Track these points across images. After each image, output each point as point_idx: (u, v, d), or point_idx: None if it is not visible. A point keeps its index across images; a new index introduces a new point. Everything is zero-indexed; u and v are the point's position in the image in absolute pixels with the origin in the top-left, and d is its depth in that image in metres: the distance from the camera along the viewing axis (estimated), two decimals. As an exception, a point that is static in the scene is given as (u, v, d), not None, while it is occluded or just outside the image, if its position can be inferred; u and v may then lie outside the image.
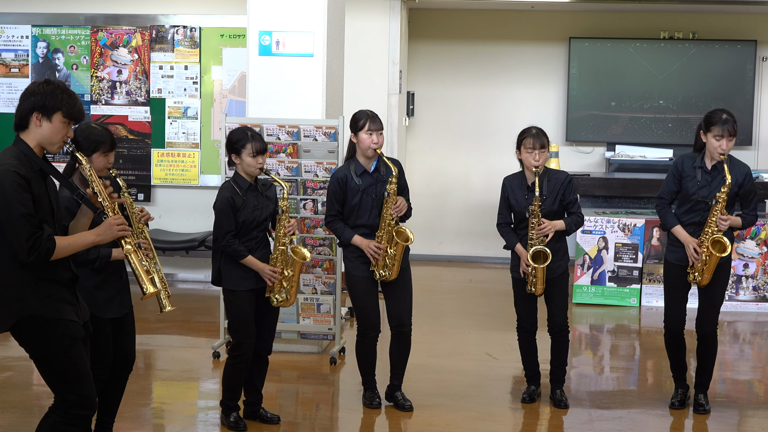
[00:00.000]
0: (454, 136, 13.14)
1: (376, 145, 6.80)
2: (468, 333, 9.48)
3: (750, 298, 10.41)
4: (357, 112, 6.92)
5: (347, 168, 6.89)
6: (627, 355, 9.10)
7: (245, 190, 6.44)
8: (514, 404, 7.32)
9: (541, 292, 7.06)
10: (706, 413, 7.11)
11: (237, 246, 6.40)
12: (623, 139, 12.73)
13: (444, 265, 12.78)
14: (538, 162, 6.93)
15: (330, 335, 8.44)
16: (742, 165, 6.98)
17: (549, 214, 6.98)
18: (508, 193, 7.10)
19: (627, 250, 10.52)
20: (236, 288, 6.47)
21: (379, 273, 6.88)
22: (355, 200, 6.85)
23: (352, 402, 7.27)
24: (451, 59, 13.10)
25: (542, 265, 6.92)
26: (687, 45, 12.65)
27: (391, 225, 6.85)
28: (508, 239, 7.12)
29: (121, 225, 4.78)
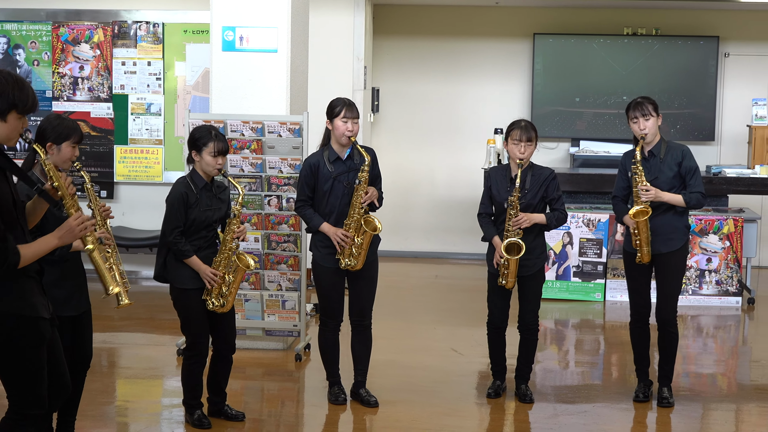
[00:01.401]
0: (419, 132, 13.15)
1: (351, 132, 6.79)
2: (434, 329, 9.49)
3: (713, 292, 10.47)
4: (334, 99, 6.93)
5: (320, 154, 6.88)
6: (592, 350, 9.14)
7: (200, 188, 6.40)
8: (480, 399, 7.33)
9: (512, 285, 7.05)
10: (669, 406, 7.15)
11: (183, 245, 6.35)
12: (587, 135, 12.77)
13: (410, 261, 12.79)
14: (524, 154, 6.94)
15: (295, 332, 8.42)
16: (678, 146, 7.12)
17: (528, 207, 6.98)
18: (491, 183, 7.11)
19: (591, 245, 10.56)
20: (186, 286, 6.42)
21: (344, 262, 6.86)
22: (326, 187, 6.83)
23: (318, 398, 7.26)
24: (416, 55, 13.10)
25: (515, 257, 6.91)
26: (650, 41, 12.71)
27: (360, 214, 6.84)
28: (486, 230, 7.11)
29: (81, 225, 4.69)
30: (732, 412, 7.31)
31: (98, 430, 6.56)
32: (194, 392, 6.58)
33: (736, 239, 10.40)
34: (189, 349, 6.50)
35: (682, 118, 12.65)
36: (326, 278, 6.96)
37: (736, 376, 8.40)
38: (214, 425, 6.59)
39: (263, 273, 8.30)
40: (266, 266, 8.28)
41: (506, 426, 6.94)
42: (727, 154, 12.81)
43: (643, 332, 7.24)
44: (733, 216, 10.50)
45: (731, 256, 10.41)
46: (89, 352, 5.87)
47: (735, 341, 9.73)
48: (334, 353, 7.12)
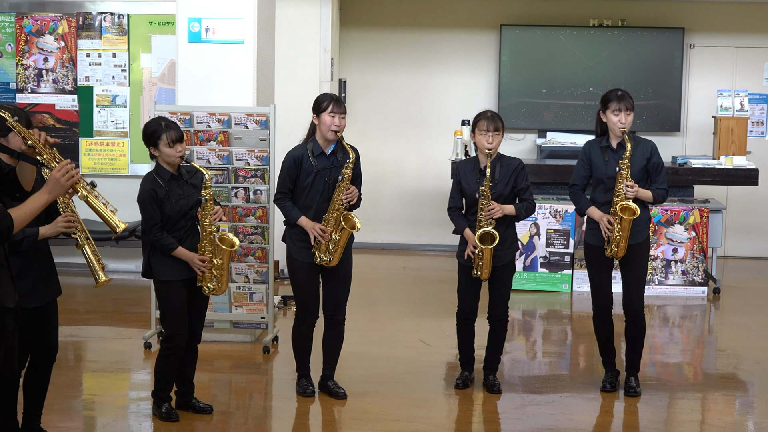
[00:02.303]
0: (386, 123, 13.15)
1: (338, 127, 6.78)
2: (402, 320, 9.50)
3: (679, 282, 10.54)
4: (321, 94, 6.93)
5: (305, 147, 6.86)
6: (559, 340, 9.18)
7: (167, 180, 6.38)
8: (448, 390, 7.35)
9: (487, 276, 7.05)
10: (636, 396, 7.20)
11: (165, 239, 6.35)
12: (554, 126, 12.82)
13: (377, 253, 12.80)
14: (492, 145, 6.95)
15: (263, 324, 8.41)
16: (647, 141, 7.15)
17: (499, 198, 7.00)
18: (460, 177, 7.12)
19: (558, 236, 10.61)
20: (168, 279, 6.42)
21: (320, 257, 6.85)
22: (307, 181, 6.82)
23: (286, 390, 7.26)
24: (383, 47, 13.10)
25: (489, 247, 6.93)
26: (616, 32, 12.76)
27: (340, 210, 6.82)
28: (457, 223, 7.13)
29: (66, 175, 4.62)
30: (698, 401, 7.37)
31: (65, 424, 6.53)
32: (166, 384, 6.57)
33: (701, 229, 10.48)
34: (167, 341, 6.49)
35: (647, 110, 12.71)
36: (301, 272, 6.94)
37: (702, 366, 8.46)
38: (182, 418, 6.58)
39: (231, 265, 8.27)
40: (234, 258, 8.25)
41: (474, 416, 6.96)
42: (693, 145, 12.89)
43: (607, 324, 7.28)
44: (698, 206, 10.57)
45: (697, 247, 10.48)
46: (55, 344, 5.85)
47: (701, 331, 9.80)
48: (307, 348, 7.12)
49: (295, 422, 6.77)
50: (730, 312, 10.24)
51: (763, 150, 12.68)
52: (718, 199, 11.80)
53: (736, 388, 7.68)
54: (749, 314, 9.98)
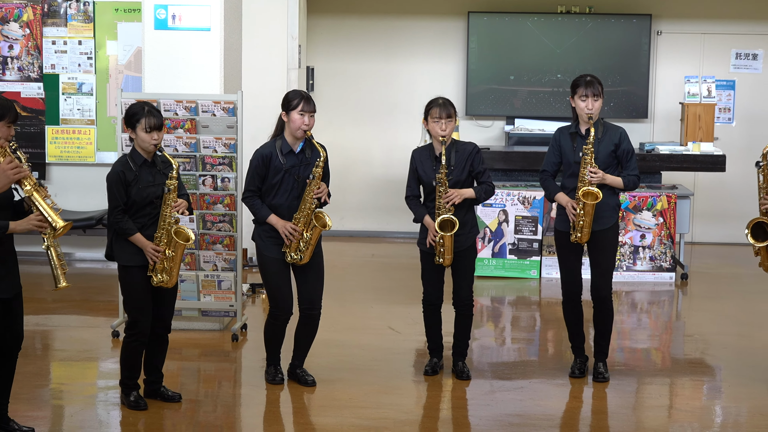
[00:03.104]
0: (354, 111, 13.14)
1: (307, 126, 6.76)
2: (370, 307, 9.52)
3: (647, 268, 10.60)
4: (290, 91, 6.90)
5: (273, 145, 6.83)
6: (528, 327, 9.22)
7: (139, 165, 6.37)
8: (417, 377, 7.37)
9: (450, 262, 7.08)
10: (605, 381, 7.24)
11: (125, 223, 6.32)
12: (522, 113, 12.85)
13: (346, 241, 12.80)
14: (445, 131, 6.98)
15: (231, 312, 8.40)
16: (616, 128, 7.17)
17: (457, 184, 7.02)
18: (416, 165, 7.14)
19: (527, 222, 10.64)
20: (129, 264, 6.40)
21: (291, 255, 6.84)
22: (276, 179, 6.79)
23: (255, 378, 7.25)
24: (351, 34, 13.08)
25: (450, 233, 6.95)
26: (584, 19, 12.80)
27: (311, 209, 6.81)
28: (416, 212, 7.15)
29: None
30: (666, 386, 7.42)
31: (33, 413, 6.50)
32: (132, 372, 6.55)
33: (669, 215, 10.54)
34: (130, 328, 6.47)
35: (615, 96, 12.76)
36: (273, 268, 6.91)
37: (669, 351, 8.52)
38: (150, 406, 6.56)
39: (199, 253, 8.26)
40: (201, 246, 8.24)
41: (443, 403, 6.98)
42: (660, 132, 12.96)
43: (576, 310, 7.31)
44: (666, 192, 10.63)
45: (665, 232, 10.55)
46: (20, 333, 5.84)
47: (669, 316, 9.87)
48: (279, 342, 7.11)
49: (265, 410, 6.76)
50: (698, 297, 10.31)
51: (731, 136, 12.77)
52: (685, 185, 11.87)
53: (704, 373, 7.74)
54: (717, 300, 10.05)
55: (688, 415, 6.83)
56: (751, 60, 12.91)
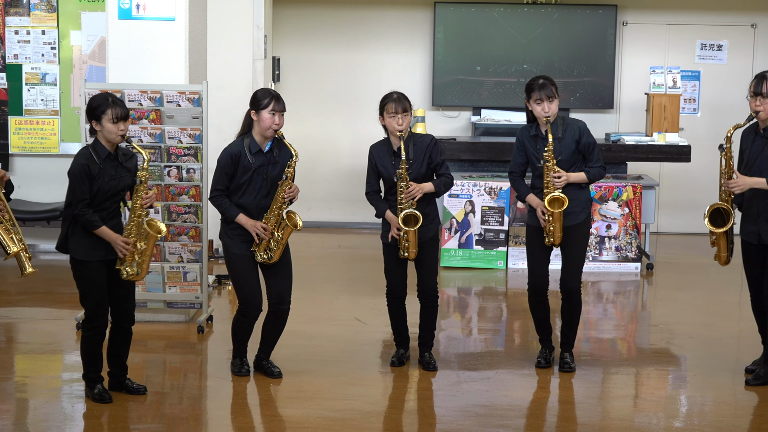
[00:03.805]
0: (320, 101, 13.11)
1: (278, 126, 6.73)
2: (337, 298, 9.51)
3: (613, 258, 10.64)
4: (259, 90, 6.86)
5: (241, 144, 6.79)
6: (494, 317, 9.24)
7: (103, 158, 6.31)
8: (384, 368, 7.37)
9: (414, 256, 7.10)
10: (571, 371, 7.27)
11: (91, 216, 6.27)
12: (489, 104, 12.86)
13: (312, 232, 12.78)
14: (402, 126, 6.98)
15: (197, 304, 8.37)
16: (576, 121, 7.18)
17: (417, 177, 7.02)
18: (375, 161, 7.13)
19: (493, 213, 10.66)
20: (86, 258, 6.34)
21: (260, 255, 6.81)
22: (244, 178, 6.76)
23: (221, 370, 7.23)
24: (317, 24, 13.04)
25: (414, 228, 6.96)
26: (550, 10, 12.82)
27: (282, 208, 6.80)
28: (377, 207, 7.15)
29: None
30: (632, 376, 7.46)
31: (-4, 406, 6.47)
32: (94, 366, 6.51)
33: (634, 206, 10.58)
34: (88, 322, 6.43)
35: (581, 87, 12.79)
36: (241, 265, 6.87)
37: (635, 341, 8.56)
38: (115, 399, 6.53)
39: (164, 245, 8.23)
40: (167, 238, 8.20)
41: (410, 394, 6.98)
42: (626, 122, 13.00)
43: (542, 304, 7.33)
44: (631, 183, 10.67)
45: (630, 223, 10.59)
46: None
47: (634, 306, 9.91)
48: (247, 336, 7.09)
49: (231, 402, 6.75)
50: (663, 287, 10.36)
51: (696, 127, 12.83)
52: (651, 175, 11.91)
53: (669, 363, 7.79)
54: (682, 290, 10.10)
55: (653, 404, 6.87)
56: (716, 51, 12.97)
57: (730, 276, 10.08)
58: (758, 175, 6.82)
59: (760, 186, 6.78)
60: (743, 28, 12.97)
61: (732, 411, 6.69)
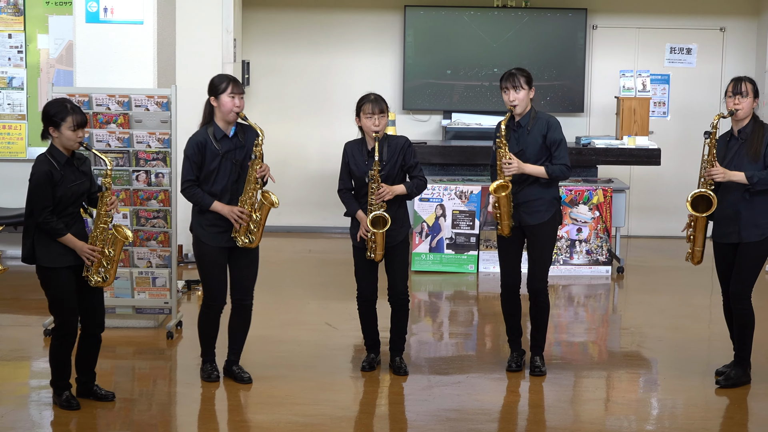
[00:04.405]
0: (290, 105, 13.08)
1: (239, 108, 6.73)
2: (307, 303, 9.49)
3: (583, 261, 10.67)
4: (216, 76, 6.90)
5: (206, 132, 6.79)
6: (465, 321, 9.24)
7: (63, 164, 6.27)
8: (354, 373, 7.36)
9: (381, 258, 7.10)
10: (542, 375, 7.28)
11: (56, 223, 6.22)
12: (459, 107, 12.87)
13: (282, 236, 12.75)
14: (378, 127, 6.98)
15: (166, 309, 8.33)
16: (547, 116, 7.22)
17: (389, 179, 7.02)
18: (348, 159, 7.13)
19: (464, 217, 10.67)
20: (55, 265, 6.29)
21: (241, 240, 6.80)
22: (213, 165, 6.75)
23: (190, 376, 7.20)
24: (287, 27, 13.02)
25: (381, 231, 6.95)
26: (520, 13, 12.84)
27: (255, 189, 6.79)
28: (348, 205, 7.14)
29: None
30: (603, 379, 7.48)
31: (-38, 414, 6.42)
32: (62, 373, 6.47)
33: (605, 209, 10.61)
34: (58, 329, 6.38)
35: (552, 90, 12.82)
36: (210, 257, 6.87)
37: (606, 344, 8.59)
38: (83, 406, 6.49)
39: (132, 250, 8.19)
40: (135, 243, 8.17)
41: (380, 399, 6.98)
42: (596, 125, 13.04)
43: (514, 303, 7.35)
44: (602, 186, 10.71)
45: (601, 226, 10.62)
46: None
47: (605, 310, 9.94)
48: (213, 333, 7.07)
49: (201, 408, 6.73)
50: (634, 291, 10.40)
51: (665, 130, 12.87)
52: (621, 179, 11.95)
53: (640, 366, 7.81)
54: (652, 293, 10.14)
55: (624, 407, 6.89)
56: (685, 54, 13.04)
57: (701, 279, 10.15)
58: None
59: (739, 179, 6.85)
60: (712, 32, 13.04)
61: (703, 414, 6.71)
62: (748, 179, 6.82)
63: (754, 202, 6.90)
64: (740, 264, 6.97)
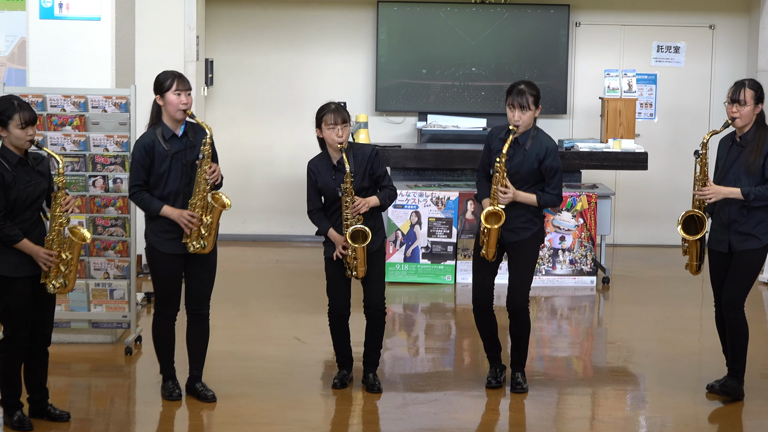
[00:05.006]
0: (257, 106, 13.06)
1: (186, 105, 6.71)
2: (275, 316, 9.47)
3: (567, 272, 10.69)
4: (161, 72, 6.83)
5: (153, 133, 6.77)
6: (442, 335, 9.25)
7: (14, 165, 6.23)
8: (325, 390, 7.35)
9: (363, 275, 7.07)
10: (523, 392, 7.27)
11: (10, 229, 6.17)
12: (435, 109, 12.88)
13: (248, 245, 12.73)
14: (342, 138, 6.97)
15: (125, 323, 8.29)
16: (547, 139, 7.17)
17: (360, 191, 7.01)
18: (315, 177, 7.10)
19: (441, 224, 10.67)
20: (15, 275, 6.25)
21: (192, 245, 6.77)
22: (163, 167, 6.73)
23: (150, 395, 7.17)
24: (253, 24, 13.00)
25: (362, 245, 6.93)
26: (499, 10, 12.87)
27: (206, 191, 6.76)
28: (320, 225, 7.12)
29: None
30: (588, 396, 7.49)
31: None
32: (13, 390, 6.42)
33: (589, 216, 10.64)
34: (6, 342, 6.33)
35: (533, 91, 12.83)
36: (164, 265, 6.85)
37: (591, 359, 8.60)
38: (36, 427, 6.45)
39: (89, 260, 8.14)
40: (92, 253, 8.13)
41: (353, 418, 6.97)
42: (580, 128, 13.08)
43: (488, 319, 7.32)
44: (586, 192, 10.73)
45: (585, 234, 10.65)
46: None
47: (590, 322, 9.96)
48: (169, 345, 7.03)
49: (160, 428, 6.70)
50: (620, 302, 10.43)
51: (652, 133, 12.92)
52: (606, 184, 11.99)
53: (627, 382, 7.83)
54: (639, 304, 10.17)
55: (610, 426, 6.89)
56: (673, 53, 13.10)
57: (691, 290, 10.18)
58: (732, 184, 6.90)
59: (734, 196, 6.87)
60: (701, 29, 13.11)
61: (693, 432, 6.74)
62: (745, 196, 6.83)
63: (751, 212, 6.90)
64: (734, 271, 7.00)
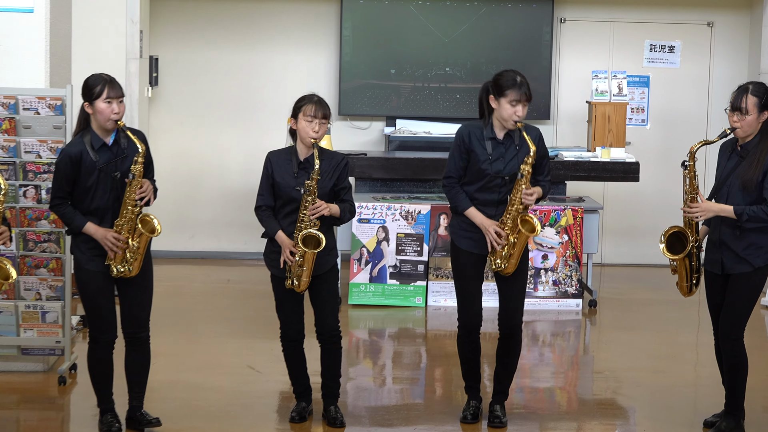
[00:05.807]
0: (206, 109, 13.06)
1: (117, 115, 6.70)
2: (226, 342, 9.46)
3: (550, 294, 10.72)
4: (90, 76, 6.82)
5: (81, 142, 6.75)
6: (412, 364, 9.26)
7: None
8: (282, 425, 7.36)
9: (305, 287, 7.04)
10: (502, 426, 7.29)
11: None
12: (405, 113, 12.91)
13: (196, 263, 12.72)
14: (317, 134, 6.99)
15: (58, 350, 8.26)
16: (533, 129, 7.25)
17: (320, 197, 7.01)
18: (273, 170, 7.09)
19: (411, 241, 10.69)
20: None
21: (116, 269, 6.76)
22: (91, 180, 6.71)
23: (86, 429, 7.15)
24: (203, 19, 13.01)
25: (314, 251, 6.91)
26: (476, 4, 12.92)
27: (134, 212, 6.75)
28: (268, 225, 7.09)
29: None
30: (572, 431, 7.51)
31: None
32: None
33: (575, 233, 10.68)
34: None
35: (513, 94, 12.88)
36: (93, 284, 6.83)
37: (576, 390, 8.63)
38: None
39: (18, 279, 8.11)
40: (22, 271, 8.10)
41: (313, 455, 6.98)
42: (565, 135, 13.14)
43: (474, 344, 7.30)
44: (571, 206, 10.77)
45: (570, 252, 10.69)
46: None
47: (575, 350, 10.00)
48: (107, 375, 7.00)
49: (98, 467, 6.69)
50: (608, 328, 10.47)
51: (645, 140, 13.01)
52: (593, 197, 12.04)
53: (616, 416, 7.86)
54: (629, 330, 10.21)
55: (597, 464, 6.94)
56: (668, 53, 13.19)
57: (685, 314, 10.25)
58: (725, 198, 6.88)
59: (726, 214, 6.83)
60: (698, 27, 13.21)
61: (688, 471, 6.78)
62: (738, 216, 6.79)
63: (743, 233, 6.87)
64: (730, 298, 6.98)
